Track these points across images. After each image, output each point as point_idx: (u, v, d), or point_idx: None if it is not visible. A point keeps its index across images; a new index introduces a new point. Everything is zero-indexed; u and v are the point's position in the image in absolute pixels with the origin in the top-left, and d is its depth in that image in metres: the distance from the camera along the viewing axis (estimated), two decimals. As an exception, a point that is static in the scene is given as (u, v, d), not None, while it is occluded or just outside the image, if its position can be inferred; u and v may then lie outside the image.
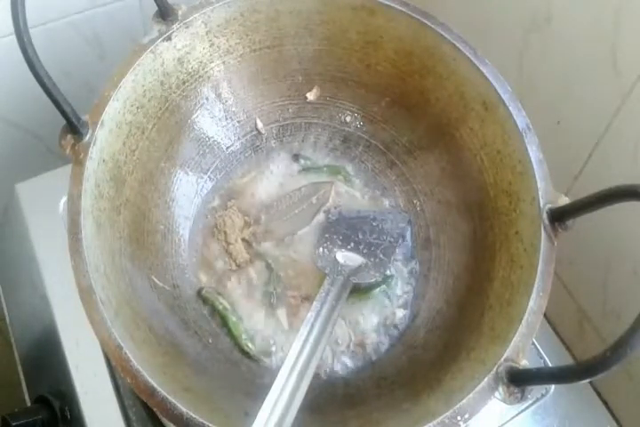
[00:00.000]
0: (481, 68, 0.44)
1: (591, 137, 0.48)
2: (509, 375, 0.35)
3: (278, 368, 0.38)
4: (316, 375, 0.45)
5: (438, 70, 0.48)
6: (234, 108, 0.53)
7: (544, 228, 0.39)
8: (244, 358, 0.47)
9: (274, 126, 0.55)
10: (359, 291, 0.48)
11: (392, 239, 0.49)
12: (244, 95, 0.53)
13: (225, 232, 0.51)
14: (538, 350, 0.53)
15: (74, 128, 0.40)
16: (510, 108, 0.42)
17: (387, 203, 0.53)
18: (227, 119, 0.53)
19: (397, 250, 0.50)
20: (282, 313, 0.48)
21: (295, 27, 0.50)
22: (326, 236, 0.49)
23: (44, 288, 0.53)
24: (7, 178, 0.59)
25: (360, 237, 0.49)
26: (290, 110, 0.55)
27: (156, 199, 0.49)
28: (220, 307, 0.48)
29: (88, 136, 0.41)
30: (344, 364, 0.47)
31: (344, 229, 0.50)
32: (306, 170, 0.54)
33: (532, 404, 0.51)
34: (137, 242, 0.45)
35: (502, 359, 0.35)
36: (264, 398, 0.36)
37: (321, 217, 0.52)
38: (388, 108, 0.53)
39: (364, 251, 0.48)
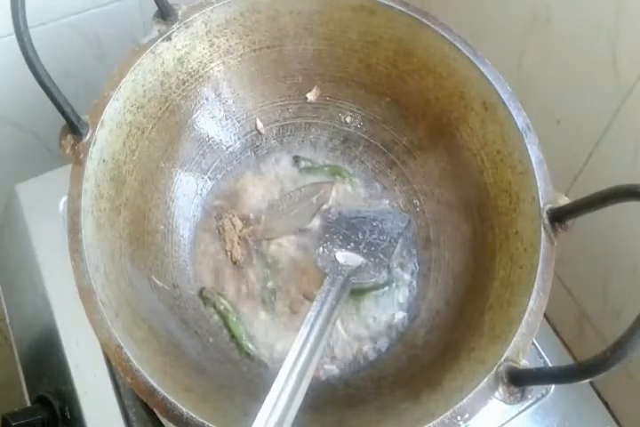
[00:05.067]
0: (481, 68, 0.44)
1: (591, 137, 0.48)
2: (509, 375, 0.35)
3: (278, 368, 0.38)
4: (316, 376, 0.45)
5: (438, 70, 0.48)
6: (234, 108, 0.53)
7: (544, 228, 0.39)
8: (244, 358, 0.47)
9: (274, 126, 0.55)
10: (359, 291, 0.49)
11: (392, 239, 0.49)
12: (243, 95, 0.53)
13: (225, 232, 0.51)
14: (538, 350, 0.53)
15: (74, 128, 0.40)
16: (510, 108, 0.42)
17: (387, 203, 0.53)
18: (227, 119, 0.53)
19: (397, 250, 0.50)
20: (282, 313, 0.48)
21: (295, 27, 0.50)
22: (326, 236, 0.49)
23: (43, 288, 0.53)
24: (7, 178, 0.59)
25: (360, 237, 0.49)
26: (290, 110, 0.55)
27: (155, 199, 0.49)
28: (221, 307, 0.48)
29: (88, 136, 0.41)
30: (344, 364, 0.47)
31: (344, 229, 0.50)
32: (306, 170, 0.54)
33: (532, 404, 0.51)
34: (137, 242, 0.45)
35: (502, 359, 0.35)
36: (264, 398, 0.36)
37: (321, 217, 0.52)
38: (388, 108, 0.53)
39: (364, 251, 0.48)
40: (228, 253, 0.50)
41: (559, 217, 0.39)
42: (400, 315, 0.49)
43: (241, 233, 0.51)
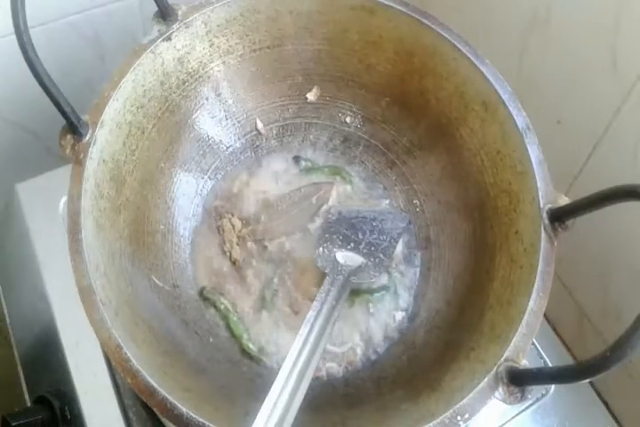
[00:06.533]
0: (481, 68, 0.44)
1: (591, 137, 0.48)
2: (509, 375, 0.35)
3: (278, 368, 0.38)
4: (316, 376, 0.45)
5: (438, 70, 0.48)
6: (234, 108, 0.53)
7: (544, 228, 0.39)
8: (244, 358, 0.47)
9: (274, 126, 0.55)
10: (359, 291, 0.49)
11: (392, 239, 0.49)
12: (244, 95, 0.53)
13: (225, 232, 0.51)
14: (538, 350, 0.53)
15: (74, 128, 0.40)
16: (510, 108, 0.42)
17: (387, 203, 0.53)
18: (227, 119, 0.53)
19: (397, 250, 0.50)
20: (282, 313, 0.48)
21: (295, 27, 0.50)
22: (326, 236, 0.49)
23: (43, 288, 0.53)
24: (7, 178, 0.59)
25: (360, 237, 0.49)
26: (290, 110, 0.55)
27: (155, 199, 0.49)
28: (222, 307, 0.48)
29: (88, 136, 0.41)
30: (343, 364, 0.47)
31: (344, 229, 0.50)
32: (306, 170, 0.54)
33: (532, 404, 0.51)
34: (137, 242, 0.45)
35: (502, 359, 0.35)
36: (264, 398, 0.36)
37: (321, 217, 0.52)
38: (388, 108, 0.53)
39: (364, 251, 0.48)
40: (228, 253, 0.50)
41: (559, 217, 0.39)
42: (400, 315, 0.49)
43: (240, 233, 0.51)
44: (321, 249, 0.48)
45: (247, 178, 0.54)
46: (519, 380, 0.34)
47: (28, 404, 0.54)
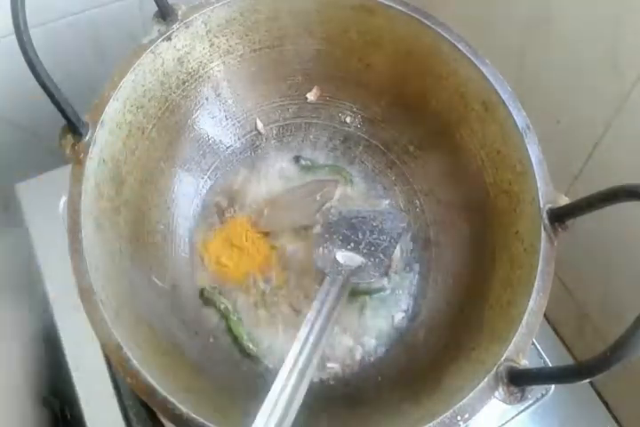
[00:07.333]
0: (481, 68, 0.44)
1: (591, 137, 0.48)
2: (509, 375, 0.35)
3: (278, 368, 0.38)
4: (316, 376, 0.45)
5: (438, 70, 0.48)
6: (234, 108, 0.53)
7: (544, 228, 0.39)
8: (244, 358, 0.47)
9: (274, 126, 0.55)
10: (359, 292, 0.49)
11: (392, 239, 0.49)
12: (244, 95, 0.53)
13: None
14: (538, 350, 0.53)
15: (74, 128, 0.40)
16: (510, 108, 0.42)
17: (387, 203, 0.53)
18: (227, 119, 0.53)
19: (397, 250, 0.50)
20: (283, 313, 0.48)
21: (295, 27, 0.50)
22: (326, 236, 0.49)
23: (44, 288, 0.53)
24: (7, 178, 0.59)
25: (360, 237, 0.49)
26: (290, 110, 0.55)
27: (155, 199, 0.49)
28: (222, 307, 0.48)
29: (88, 136, 0.41)
30: (343, 365, 0.47)
31: (344, 229, 0.50)
32: (306, 170, 0.54)
33: (532, 404, 0.51)
34: (137, 242, 0.45)
35: (502, 359, 0.35)
36: (264, 398, 0.36)
37: (321, 216, 0.52)
38: (388, 108, 0.53)
39: (364, 251, 0.48)
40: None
41: (559, 217, 0.39)
42: (400, 315, 0.49)
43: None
44: (321, 249, 0.48)
45: (247, 178, 0.54)
46: (519, 380, 0.34)
47: (29, 404, 0.54)
